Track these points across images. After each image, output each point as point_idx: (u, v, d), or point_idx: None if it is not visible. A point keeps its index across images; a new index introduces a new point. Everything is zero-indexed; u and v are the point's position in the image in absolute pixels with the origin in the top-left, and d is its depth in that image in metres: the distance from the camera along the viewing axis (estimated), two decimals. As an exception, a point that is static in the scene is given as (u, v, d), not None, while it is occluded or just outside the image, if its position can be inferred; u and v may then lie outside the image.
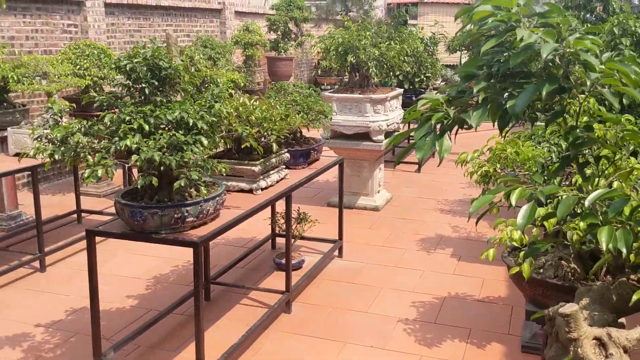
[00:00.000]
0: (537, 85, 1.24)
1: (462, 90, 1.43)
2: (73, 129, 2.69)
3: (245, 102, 3.74)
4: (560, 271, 2.34)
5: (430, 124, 1.38)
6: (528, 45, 1.24)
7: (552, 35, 1.27)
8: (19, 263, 4.57)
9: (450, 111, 1.37)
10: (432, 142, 1.35)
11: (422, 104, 1.49)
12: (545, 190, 1.39)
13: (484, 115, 1.32)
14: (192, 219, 2.93)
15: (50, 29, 7.17)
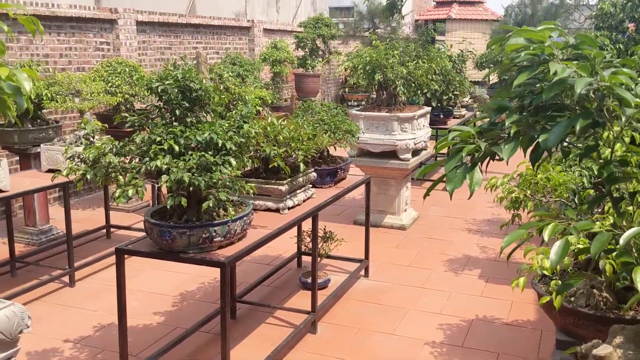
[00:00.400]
0: (571, 120, 1.22)
1: (494, 122, 1.41)
2: (105, 150, 2.73)
3: (274, 122, 3.76)
4: (592, 300, 2.29)
5: (461, 156, 1.37)
6: (561, 80, 1.23)
7: (586, 69, 1.25)
8: (50, 278, 4.65)
9: (482, 143, 1.36)
10: (463, 175, 1.34)
11: (453, 135, 1.48)
12: (579, 226, 1.36)
13: (516, 149, 1.31)
14: (219, 238, 2.95)
15: (83, 46, 7.34)
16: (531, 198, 2.60)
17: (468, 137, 1.40)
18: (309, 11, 13.84)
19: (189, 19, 9.14)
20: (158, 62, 8.55)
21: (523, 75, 1.30)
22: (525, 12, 14.71)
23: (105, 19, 7.55)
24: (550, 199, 2.48)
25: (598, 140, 1.37)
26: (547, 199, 2.51)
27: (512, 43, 1.39)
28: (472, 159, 1.36)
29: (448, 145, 1.46)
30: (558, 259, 1.37)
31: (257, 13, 11.61)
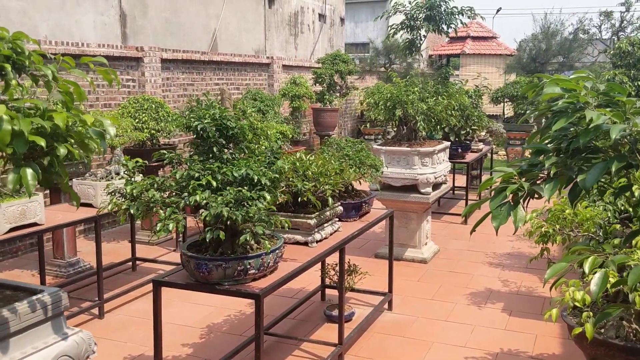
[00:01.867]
0: (607, 163, 1.32)
1: (533, 163, 1.51)
2: (147, 185, 2.86)
3: (302, 157, 3.88)
4: (621, 331, 2.35)
5: (504, 195, 1.47)
6: (597, 126, 1.33)
7: (620, 116, 1.36)
8: (80, 310, 4.75)
9: (524, 184, 1.46)
10: (507, 212, 1.44)
11: (497, 176, 1.58)
12: (617, 260, 1.45)
13: (556, 188, 1.40)
14: (253, 271, 3.04)
15: (111, 84, 7.57)
16: (559, 232, 2.67)
17: (510, 177, 1.50)
18: (326, 47, 14.14)
19: (210, 56, 9.40)
20: (181, 98, 8.78)
21: (561, 121, 1.40)
22: (539, 47, 14.88)
23: (132, 57, 7.80)
24: (578, 233, 2.55)
25: (631, 180, 1.46)
26: (575, 233, 2.58)
27: (548, 92, 1.50)
28: (515, 198, 1.46)
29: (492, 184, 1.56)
30: (599, 290, 1.45)
31: (276, 49, 11.90)
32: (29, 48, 1.75)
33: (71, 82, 1.57)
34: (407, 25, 8.87)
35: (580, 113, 1.39)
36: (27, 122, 1.28)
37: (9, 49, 1.44)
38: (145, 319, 4.71)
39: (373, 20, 11.97)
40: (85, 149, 1.57)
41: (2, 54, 1.41)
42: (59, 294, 1.74)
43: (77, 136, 1.48)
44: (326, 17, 14.07)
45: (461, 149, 8.02)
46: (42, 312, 1.61)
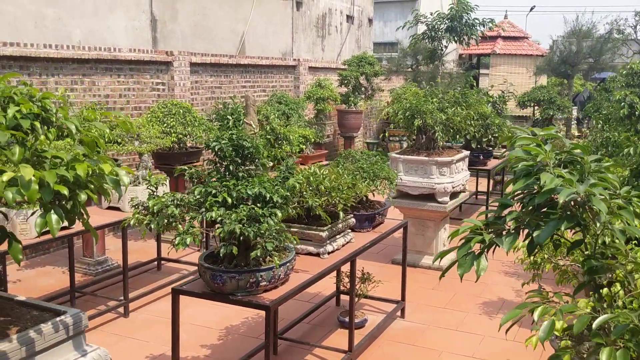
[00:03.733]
0: (558, 222, 1.45)
1: (499, 216, 1.65)
2: (167, 202, 3.06)
3: (316, 171, 4.04)
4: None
5: (469, 245, 1.62)
6: (550, 189, 1.47)
7: (572, 181, 1.49)
8: (107, 309, 5.00)
9: (487, 236, 1.60)
10: (471, 261, 1.58)
11: (463, 228, 1.72)
12: (564, 309, 1.58)
13: (515, 241, 1.54)
14: (265, 283, 3.22)
15: (140, 87, 7.84)
16: (548, 260, 2.78)
17: (478, 228, 1.64)
18: (353, 48, 14.25)
19: (238, 60, 9.62)
20: (209, 100, 9.02)
21: (520, 183, 1.54)
22: (570, 49, 14.74)
23: (162, 61, 8.06)
24: (566, 262, 2.66)
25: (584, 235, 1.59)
26: (564, 262, 2.69)
27: (513, 154, 1.64)
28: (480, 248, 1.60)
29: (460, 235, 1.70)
30: (546, 336, 1.59)
31: (302, 51, 12.06)
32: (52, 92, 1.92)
33: (92, 135, 1.76)
34: (429, 36, 8.92)
35: (537, 175, 1.53)
36: (52, 175, 1.47)
37: (39, 108, 1.62)
38: (167, 319, 4.90)
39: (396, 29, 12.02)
40: (104, 192, 1.76)
41: (33, 113, 1.60)
42: (79, 315, 1.94)
43: (97, 181, 1.67)
44: (354, 18, 14.18)
45: (483, 156, 8.08)
46: (64, 331, 1.81)
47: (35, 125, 1.59)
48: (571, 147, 1.60)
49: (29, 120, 1.58)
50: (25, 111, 1.57)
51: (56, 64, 6.71)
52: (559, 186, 1.44)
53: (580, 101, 19.83)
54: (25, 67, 6.40)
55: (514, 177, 1.65)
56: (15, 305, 1.97)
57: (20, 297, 2.06)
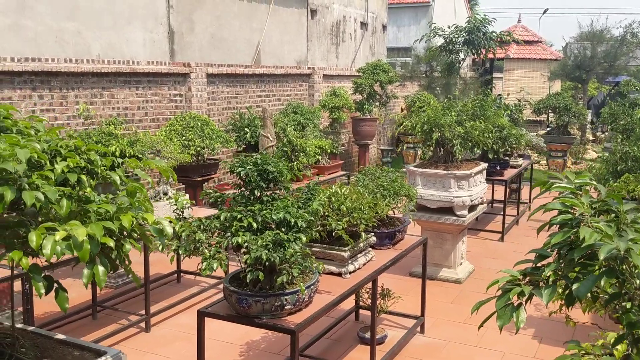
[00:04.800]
0: (598, 276, 1.47)
1: (537, 267, 1.67)
2: (194, 228, 3.10)
3: (337, 192, 4.07)
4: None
5: (508, 296, 1.64)
6: (589, 245, 1.48)
7: (610, 237, 1.50)
8: (129, 323, 5.06)
9: (526, 288, 1.62)
10: (511, 313, 1.60)
11: (503, 279, 1.74)
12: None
13: (554, 295, 1.56)
14: (289, 306, 3.25)
15: (158, 99, 7.92)
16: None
17: (515, 279, 1.66)
18: (367, 55, 14.26)
19: (254, 70, 9.68)
20: (225, 111, 9.08)
21: (558, 236, 1.56)
22: (585, 54, 14.67)
23: (179, 73, 8.13)
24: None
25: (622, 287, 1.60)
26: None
27: (550, 206, 1.66)
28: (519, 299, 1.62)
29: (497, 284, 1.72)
30: None
31: (317, 59, 12.10)
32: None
33: (137, 185, 1.80)
34: (446, 49, 8.91)
35: (576, 230, 1.54)
36: (99, 228, 1.51)
37: (85, 162, 1.67)
38: (188, 333, 4.99)
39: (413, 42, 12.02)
40: (147, 240, 1.80)
41: (79, 166, 1.64)
42: (119, 356, 1.98)
43: (140, 230, 1.71)
44: (368, 25, 14.19)
45: (500, 167, 8.06)
46: (105, 373, 1.86)
47: (82, 178, 1.63)
48: (606, 195, 1.62)
49: (75, 174, 1.62)
50: (72, 165, 1.62)
51: (76, 78, 6.79)
52: (598, 241, 1.45)
53: (594, 105, 19.73)
54: (47, 81, 6.49)
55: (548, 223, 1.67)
56: (56, 345, 2.02)
57: (59, 335, 2.10)
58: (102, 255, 1.57)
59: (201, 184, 7.25)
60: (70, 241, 1.46)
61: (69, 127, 6.69)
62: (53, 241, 1.43)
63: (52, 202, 1.50)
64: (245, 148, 7.78)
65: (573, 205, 1.61)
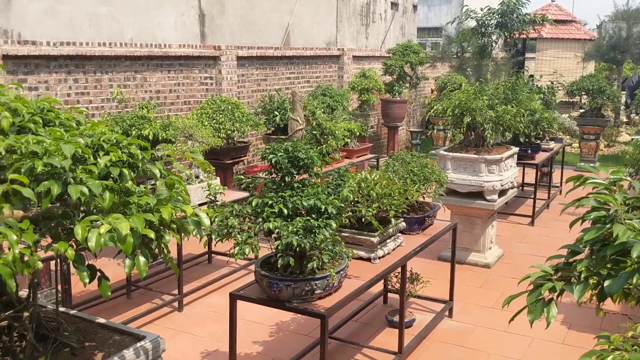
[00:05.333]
0: (630, 273, 1.47)
1: (569, 262, 1.68)
2: (227, 214, 3.17)
3: (367, 177, 4.10)
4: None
5: (539, 292, 1.65)
6: (622, 242, 1.48)
7: None
8: (163, 303, 5.20)
9: (557, 284, 1.63)
10: (541, 308, 1.62)
11: (534, 274, 1.76)
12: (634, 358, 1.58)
13: (585, 291, 1.57)
14: (319, 291, 3.31)
15: (189, 82, 8.00)
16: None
17: (547, 274, 1.67)
18: (398, 35, 14.13)
19: (283, 52, 9.68)
20: (255, 93, 9.13)
21: (591, 232, 1.56)
22: (620, 34, 14.28)
23: (210, 56, 8.19)
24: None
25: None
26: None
27: (584, 202, 1.66)
28: (550, 295, 1.63)
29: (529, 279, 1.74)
30: None
31: (347, 41, 12.04)
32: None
33: (176, 177, 1.85)
34: (478, 31, 8.77)
35: (609, 226, 1.55)
36: (141, 220, 1.57)
37: (127, 155, 1.73)
38: (220, 313, 5.11)
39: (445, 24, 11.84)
40: (185, 231, 1.86)
41: (120, 160, 1.70)
42: (157, 341, 2.06)
43: (179, 221, 1.77)
44: (398, 5, 14.03)
45: (531, 150, 7.97)
46: (144, 357, 1.93)
47: (124, 172, 1.69)
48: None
49: (118, 168, 1.68)
50: (114, 159, 1.68)
51: (110, 62, 6.90)
52: (631, 239, 1.46)
53: (629, 86, 19.23)
54: (81, 65, 6.61)
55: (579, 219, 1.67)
56: (98, 329, 2.11)
57: (100, 319, 2.19)
58: (142, 246, 1.64)
59: (231, 166, 7.34)
60: (113, 233, 1.53)
61: (103, 109, 6.81)
62: (98, 234, 1.50)
63: (96, 195, 1.57)
64: (275, 131, 7.83)
65: (607, 202, 1.62)
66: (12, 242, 1.37)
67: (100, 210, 1.65)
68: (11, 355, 1.83)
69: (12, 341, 1.85)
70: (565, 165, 10.11)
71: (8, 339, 1.84)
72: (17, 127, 1.78)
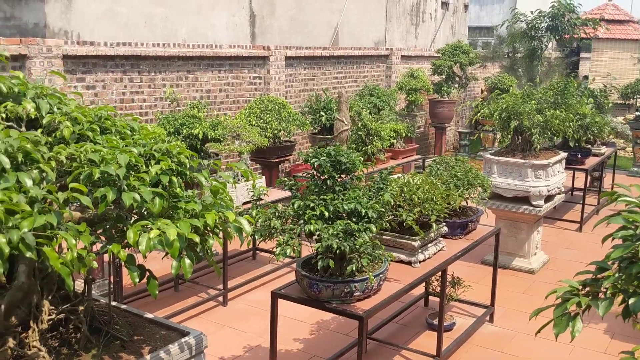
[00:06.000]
0: (656, 294, 1.49)
1: (596, 279, 1.70)
2: (270, 215, 3.28)
3: (409, 181, 4.14)
4: None
5: (565, 306, 1.68)
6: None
7: None
8: (208, 297, 5.37)
9: (583, 299, 1.66)
10: (567, 322, 1.65)
11: (561, 289, 1.78)
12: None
13: (610, 307, 1.59)
14: (358, 293, 3.39)
15: (239, 81, 8.18)
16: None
17: (574, 289, 1.70)
18: (448, 35, 14.01)
19: (331, 51, 9.76)
20: (302, 92, 9.25)
21: (618, 251, 1.58)
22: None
23: (259, 56, 8.35)
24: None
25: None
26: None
27: (612, 221, 1.68)
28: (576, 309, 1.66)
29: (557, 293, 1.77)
30: None
31: (395, 40, 12.03)
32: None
33: (220, 185, 1.96)
34: (528, 35, 8.62)
35: (637, 244, 1.56)
36: (187, 225, 1.69)
37: (176, 165, 1.85)
38: (262, 309, 5.24)
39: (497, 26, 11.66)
40: (228, 236, 1.97)
41: (170, 169, 1.82)
42: (200, 337, 2.18)
43: (222, 226, 1.88)
44: (449, 4, 13.92)
45: (581, 155, 7.81)
46: (188, 352, 2.05)
47: (173, 180, 1.81)
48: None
49: (167, 176, 1.80)
50: (164, 168, 1.80)
51: (163, 62, 7.13)
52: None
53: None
54: (136, 65, 6.85)
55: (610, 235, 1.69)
56: (146, 323, 2.24)
57: (148, 314, 2.32)
58: (188, 249, 1.75)
59: (277, 164, 7.48)
60: (162, 237, 1.65)
61: (156, 108, 7.05)
62: (147, 238, 1.62)
63: (147, 201, 1.68)
64: (320, 130, 7.93)
65: (635, 221, 1.63)
66: (72, 245, 1.51)
67: (150, 214, 1.77)
68: (67, 346, 1.98)
69: (68, 333, 2.00)
70: (618, 170, 9.85)
71: (64, 331, 2.00)
72: (77, 135, 1.92)
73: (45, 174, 1.63)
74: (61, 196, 1.57)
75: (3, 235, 1.33)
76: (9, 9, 6.49)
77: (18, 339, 1.84)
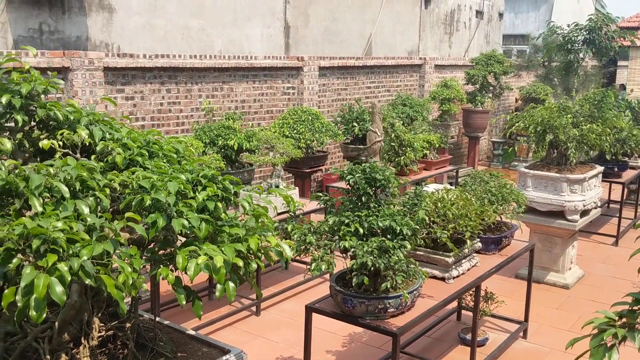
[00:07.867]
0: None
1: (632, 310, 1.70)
2: (305, 230, 3.33)
3: (444, 197, 4.15)
4: None
5: (602, 337, 1.70)
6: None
7: None
8: (242, 307, 5.45)
9: (620, 331, 1.67)
10: (603, 353, 1.66)
11: (598, 321, 1.79)
12: None
13: (645, 340, 1.60)
14: (392, 309, 3.42)
15: (273, 92, 8.28)
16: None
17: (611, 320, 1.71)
18: (482, 44, 13.93)
19: (364, 61, 9.81)
20: (335, 102, 9.31)
21: None
22: None
23: (293, 67, 8.44)
24: None
25: None
26: None
27: None
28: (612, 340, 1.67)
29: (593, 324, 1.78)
30: None
31: (429, 49, 12.02)
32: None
33: (262, 211, 2.03)
34: (564, 48, 8.53)
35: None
36: (232, 251, 1.76)
37: (221, 190, 1.92)
38: (295, 320, 5.30)
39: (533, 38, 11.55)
40: (269, 260, 2.04)
41: (216, 195, 1.90)
42: (241, 355, 2.24)
43: (264, 250, 1.94)
44: (483, 13, 13.84)
45: (617, 168, 7.70)
46: (229, 370, 2.13)
47: (218, 205, 1.88)
48: None
49: (213, 202, 1.88)
50: (210, 194, 1.88)
51: (199, 73, 7.27)
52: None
53: None
54: (174, 76, 7.01)
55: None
56: (188, 339, 2.32)
57: (190, 331, 2.40)
58: (232, 273, 1.81)
59: (309, 174, 7.55)
60: (209, 262, 1.72)
61: (192, 118, 7.19)
62: (196, 264, 1.69)
63: (194, 227, 1.76)
64: (353, 140, 7.97)
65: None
66: (128, 273, 1.59)
67: (196, 237, 1.84)
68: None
69: (116, 349, 2.09)
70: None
71: (113, 347, 2.09)
72: (128, 160, 2.01)
73: (100, 201, 1.72)
74: (117, 225, 1.66)
75: (65, 264, 1.42)
76: (53, 23, 6.70)
77: (70, 354, 1.93)
